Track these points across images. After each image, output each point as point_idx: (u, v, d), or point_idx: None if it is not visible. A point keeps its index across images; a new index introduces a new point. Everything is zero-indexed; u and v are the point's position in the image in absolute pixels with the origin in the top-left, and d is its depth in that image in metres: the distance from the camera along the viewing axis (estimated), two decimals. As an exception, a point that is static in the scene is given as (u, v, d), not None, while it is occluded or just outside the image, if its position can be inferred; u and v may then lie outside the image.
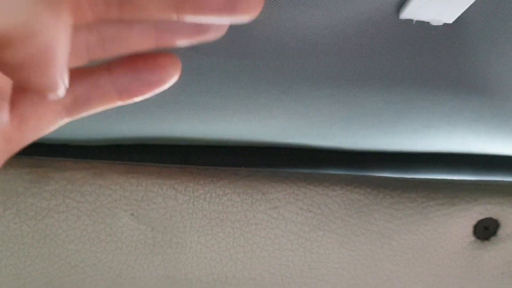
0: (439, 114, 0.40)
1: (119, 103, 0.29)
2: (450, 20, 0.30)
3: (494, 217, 0.44)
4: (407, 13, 0.29)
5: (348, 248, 0.44)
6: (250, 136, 0.45)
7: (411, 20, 0.30)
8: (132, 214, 0.42)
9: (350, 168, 0.50)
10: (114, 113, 0.38)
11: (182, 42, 0.28)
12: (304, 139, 0.46)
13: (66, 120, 0.29)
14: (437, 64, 0.35)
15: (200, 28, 0.28)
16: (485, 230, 0.44)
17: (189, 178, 0.42)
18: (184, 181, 0.42)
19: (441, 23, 0.30)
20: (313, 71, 0.35)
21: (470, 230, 0.44)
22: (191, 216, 0.42)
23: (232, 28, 0.31)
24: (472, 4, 0.28)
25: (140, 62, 0.29)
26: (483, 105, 0.39)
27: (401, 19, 0.30)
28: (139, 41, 0.28)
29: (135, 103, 0.35)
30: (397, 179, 0.44)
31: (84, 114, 0.29)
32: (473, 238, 0.44)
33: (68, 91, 0.27)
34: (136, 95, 0.29)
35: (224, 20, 0.26)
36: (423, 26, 0.31)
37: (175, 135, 0.43)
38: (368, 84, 0.37)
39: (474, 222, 0.44)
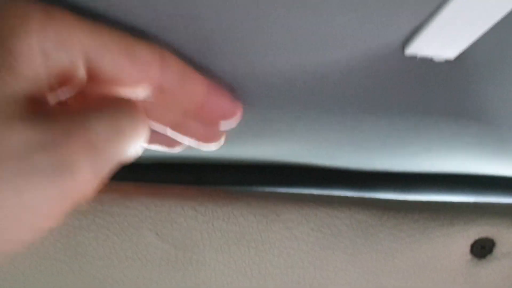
0: (439, 139, 0.41)
1: None
2: (451, 56, 0.31)
3: (490, 237, 0.44)
4: (412, 50, 0.30)
5: (355, 265, 0.44)
6: (262, 156, 0.45)
7: (416, 56, 0.31)
8: (156, 234, 0.42)
9: (356, 186, 0.50)
10: None
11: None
12: (313, 159, 0.46)
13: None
14: (438, 96, 0.36)
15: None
16: (482, 249, 0.45)
17: (209, 199, 0.42)
18: (204, 202, 0.42)
19: (443, 59, 0.31)
20: (323, 101, 0.36)
21: (467, 248, 0.44)
22: (210, 235, 0.43)
23: (251, 64, 0.32)
24: (472, 44, 0.29)
25: None
26: (480, 132, 0.40)
27: (406, 55, 0.31)
28: None
29: None
30: (401, 201, 0.45)
31: None
32: (470, 256, 0.45)
33: None
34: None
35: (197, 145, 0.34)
36: (426, 61, 0.32)
37: (191, 155, 0.43)
38: (374, 112, 0.37)
39: (471, 241, 0.44)
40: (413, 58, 0.31)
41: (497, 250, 0.45)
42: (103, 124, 0.26)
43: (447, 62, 0.32)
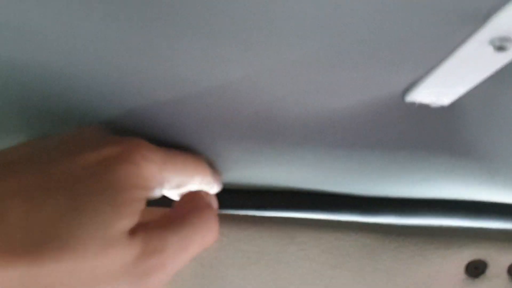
0: (435, 171, 0.42)
1: None
2: (446, 103, 0.33)
3: (483, 259, 0.45)
4: (411, 97, 0.32)
5: (360, 283, 0.45)
6: (276, 182, 0.47)
7: (414, 102, 0.33)
8: None
9: (360, 210, 0.50)
10: None
11: None
12: (323, 186, 0.47)
13: None
14: (433, 135, 0.37)
15: None
16: (475, 269, 0.45)
17: (232, 224, 0.44)
18: (227, 226, 0.44)
19: (439, 105, 0.33)
20: (332, 138, 0.38)
21: (462, 269, 0.45)
22: (233, 255, 0.44)
23: (272, 109, 0.34)
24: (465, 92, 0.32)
25: None
26: (472, 165, 0.41)
27: (406, 102, 0.33)
28: None
29: None
30: (402, 226, 0.46)
31: None
32: (465, 276, 0.45)
33: None
34: None
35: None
36: (424, 107, 0.33)
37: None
38: (377, 148, 0.39)
39: (465, 262, 0.45)
40: (412, 104, 0.33)
41: (489, 271, 0.46)
42: (175, 246, 0.30)
43: (442, 108, 0.33)
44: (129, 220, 0.27)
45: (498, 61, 0.28)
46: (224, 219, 0.44)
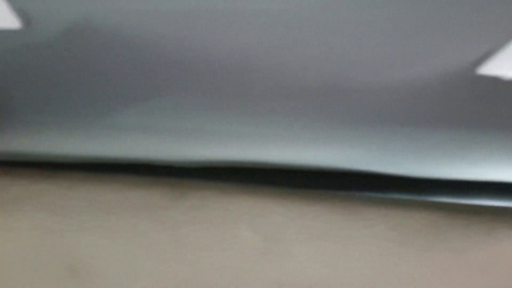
0: (499, 150, 0.41)
1: None
2: None
3: None
4: (483, 70, 0.31)
5: (428, 260, 0.45)
6: (335, 163, 0.46)
7: (485, 75, 0.32)
8: (250, 227, 0.44)
9: (422, 192, 0.50)
10: (242, 144, 0.40)
11: None
12: (379, 167, 0.47)
13: None
14: (501, 111, 0.36)
15: None
16: None
17: (296, 199, 0.44)
18: (293, 201, 0.44)
19: (510, 78, 0.32)
20: (397, 114, 0.37)
21: None
22: (297, 230, 0.44)
23: (338, 79, 0.33)
24: None
25: None
26: None
27: (477, 74, 0.32)
28: None
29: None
30: (469, 205, 0.45)
31: None
32: None
33: None
34: None
35: None
36: (494, 80, 0.32)
37: (285, 162, 0.44)
38: (440, 125, 0.38)
39: None
40: (482, 77, 0.32)
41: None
42: None
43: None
44: None
45: None
46: (290, 195, 0.44)
